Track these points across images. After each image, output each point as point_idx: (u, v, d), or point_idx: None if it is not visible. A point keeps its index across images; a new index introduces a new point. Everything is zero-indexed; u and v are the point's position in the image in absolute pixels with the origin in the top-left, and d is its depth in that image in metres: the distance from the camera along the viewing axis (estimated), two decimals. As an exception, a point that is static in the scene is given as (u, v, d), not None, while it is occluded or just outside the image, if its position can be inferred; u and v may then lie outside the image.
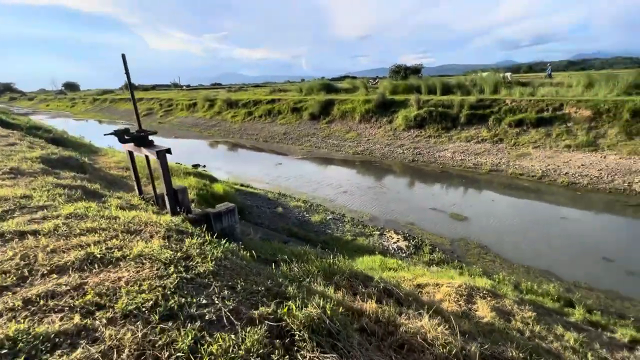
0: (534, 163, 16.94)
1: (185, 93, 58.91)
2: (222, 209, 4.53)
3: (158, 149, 3.92)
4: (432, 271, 8.19)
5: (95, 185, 4.65)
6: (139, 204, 4.31)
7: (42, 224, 2.68)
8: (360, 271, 4.09)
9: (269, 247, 4.49)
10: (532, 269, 8.60)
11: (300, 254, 4.35)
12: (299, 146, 25.98)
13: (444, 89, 27.59)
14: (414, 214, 12.35)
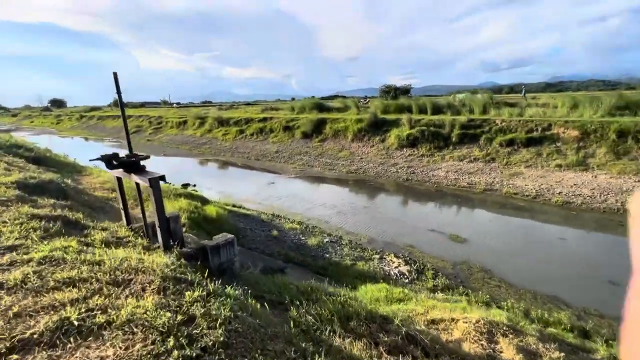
0: (527, 182, 17.05)
1: (175, 111, 58.55)
2: (220, 240, 4.09)
3: (151, 175, 3.51)
4: (438, 299, 7.80)
5: (77, 215, 4.16)
6: (126, 236, 3.85)
7: (8, 273, 2.22)
8: (376, 311, 3.70)
9: (272, 283, 4.06)
10: (538, 294, 8.31)
11: (308, 290, 3.93)
12: (292, 165, 25.70)
13: (434, 108, 28.14)
14: (413, 236, 12.05)
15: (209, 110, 52.10)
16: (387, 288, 6.82)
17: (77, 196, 6.21)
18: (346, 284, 8.21)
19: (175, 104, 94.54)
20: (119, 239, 3.67)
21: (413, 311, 5.24)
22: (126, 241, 3.66)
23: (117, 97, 3.56)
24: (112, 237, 3.61)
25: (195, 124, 41.20)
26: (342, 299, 3.53)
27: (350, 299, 3.71)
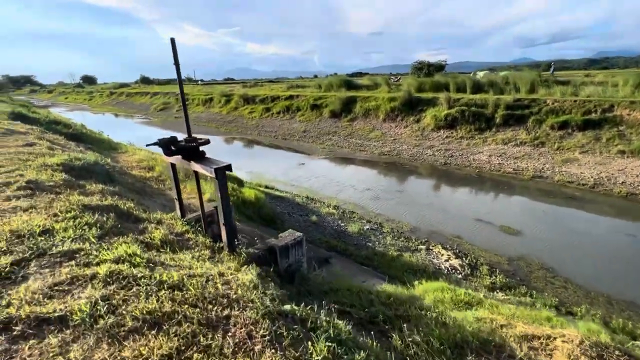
0: (583, 170, 15.50)
1: (200, 88, 58.54)
2: (288, 240, 3.55)
3: (215, 165, 2.95)
4: (499, 299, 7.11)
5: (128, 204, 3.74)
6: (184, 231, 3.38)
7: (71, 298, 1.75)
8: (486, 334, 3.06)
9: (347, 290, 3.53)
10: (613, 300, 7.40)
11: (391, 302, 3.35)
12: (320, 145, 24.96)
13: (474, 87, 26.09)
14: (458, 225, 11.21)
15: (234, 88, 51.68)
16: (448, 287, 6.16)
17: (121, 178, 5.89)
18: (396, 277, 7.65)
19: (200, 80, 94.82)
20: (179, 237, 3.21)
21: (494, 322, 4.58)
22: (186, 239, 3.19)
23: (175, 68, 2.96)
24: (170, 234, 3.15)
25: (221, 102, 40.93)
26: (440, 317, 2.92)
27: (443, 314, 3.10)
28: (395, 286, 6.40)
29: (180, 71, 3.02)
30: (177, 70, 2.99)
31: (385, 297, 3.53)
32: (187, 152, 3.22)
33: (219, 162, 3.08)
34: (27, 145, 6.11)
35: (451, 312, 5.14)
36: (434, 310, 3.25)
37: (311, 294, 3.17)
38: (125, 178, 6.44)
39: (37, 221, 2.71)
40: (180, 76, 3.03)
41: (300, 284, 3.34)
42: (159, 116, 45.12)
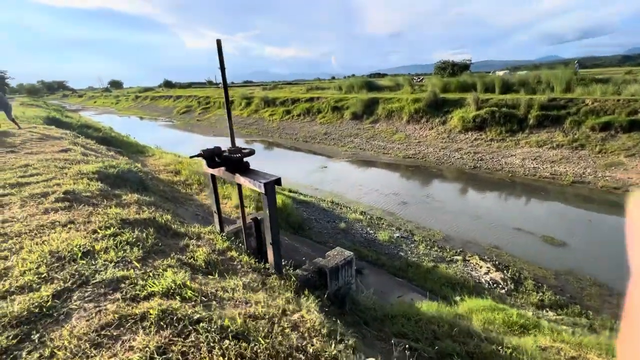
0: (630, 175, 14.33)
1: (221, 91, 59.55)
2: (338, 260, 3.21)
3: (263, 178, 2.66)
4: (551, 319, 6.49)
5: (165, 216, 3.55)
6: (226, 249, 3.12)
7: (120, 346, 1.48)
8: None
9: (406, 320, 3.16)
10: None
11: (454, 333, 2.94)
12: (342, 147, 24.58)
13: (503, 86, 24.97)
14: (495, 235, 10.54)
15: (254, 91, 52.24)
16: (496, 306, 5.63)
17: (153, 186, 5.79)
18: (434, 291, 7.17)
19: (220, 84, 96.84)
20: (222, 255, 2.94)
21: (561, 353, 4.06)
22: (229, 258, 2.92)
23: (220, 71, 2.72)
24: (212, 252, 2.89)
25: (241, 104, 41.35)
26: (515, 354, 2.50)
27: (517, 350, 2.66)
28: (439, 303, 5.94)
29: (225, 75, 2.76)
30: (222, 74, 2.73)
31: (447, 327, 3.12)
32: (232, 164, 2.95)
33: (267, 175, 2.78)
34: (62, 152, 6.14)
35: (509, 337, 4.65)
36: (506, 346, 2.82)
37: (367, 323, 2.82)
38: (157, 184, 6.34)
39: (77, 240, 2.52)
40: (225, 80, 2.77)
41: (352, 310, 3.00)
42: (182, 119, 46.18)
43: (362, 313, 3.05)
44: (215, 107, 45.54)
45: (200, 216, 5.52)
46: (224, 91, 2.86)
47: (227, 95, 2.88)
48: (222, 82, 2.82)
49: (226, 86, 2.83)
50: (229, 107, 2.95)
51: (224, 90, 2.85)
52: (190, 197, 8.56)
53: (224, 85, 2.82)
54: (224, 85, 2.82)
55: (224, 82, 2.82)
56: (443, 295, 6.96)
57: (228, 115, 2.98)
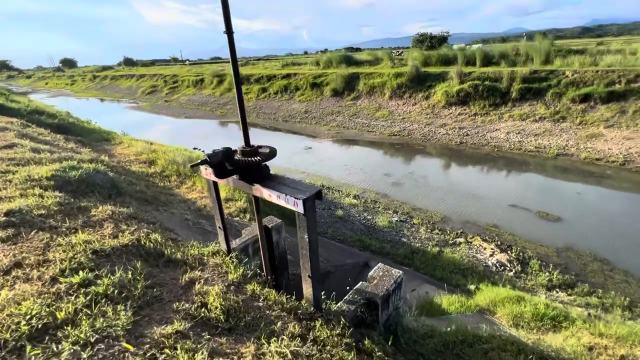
0: (610, 145, 14.68)
1: (189, 68, 55.67)
2: (388, 284, 2.54)
3: (298, 191, 1.84)
4: (564, 301, 6.37)
5: (154, 236, 2.69)
6: (242, 279, 2.35)
7: None
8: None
9: (468, 348, 2.64)
10: (685, 295, 6.70)
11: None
12: (324, 126, 23.68)
13: (484, 59, 24.70)
14: (492, 213, 10.40)
15: (225, 67, 49.16)
16: (518, 296, 5.32)
17: (129, 187, 4.77)
18: (444, 279, 6.83)
19: (187, 61, 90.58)
20: (240, 292, 2.19)
21: (609, 351, 3.75)
22: (251, 296, 2.17)
23: (227, 37, 1.84)
24: (227, 290, 2.12)
25: (213, 83, 38.76)
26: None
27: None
28: (459, 297, 5.56)
29: (233, 42, 1.89)
30: (230, 40, 1.86)
31: (515, 352, 2.63)
32: (248, 171, 2.14)
33: (300, 185, 1.99)
34: (5, 148, 4.86)
35: (544, 336, 4.31)
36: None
37: (424, 357, 2.28)
38: (132, 184, 5.29)
39: (26, 305, 1.65)
40: (234, 48, 1.89)
41: (408, 344, 2.43)
42: (148, 100, 42.81)
43: (419, 345, 2.49)
44: (184, 86, 42.46)
45: (190, 221, 4.65)
46: (233, 66, 1.99)
47: (237, 73, 2.02)
48: (230, 52, 1.95)
49: (235, 60, 1.97)
50: (239, 88, 2.09)
51: (233, 66, 1.98)
52: (171, 192, 7.55)
53: (233, 59, 1.96)
54: (233, 58, 1.95)
55: (231, 52, 1.95)
56: (455, 283, 6.65)
57: (239, 100, 2.12)
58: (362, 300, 2.34)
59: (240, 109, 2.18)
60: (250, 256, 3.34)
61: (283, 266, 3.70)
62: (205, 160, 1.97)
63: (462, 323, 4.14)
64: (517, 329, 4.59)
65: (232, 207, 7.29)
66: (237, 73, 2.09)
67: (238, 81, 2.14)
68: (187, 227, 4.28)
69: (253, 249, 3.33)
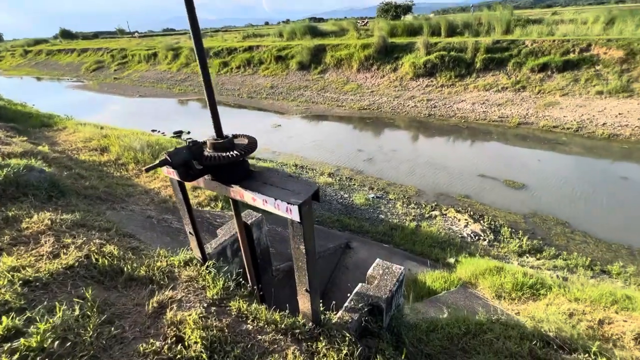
0: (565, 113, 15.52)
1: (139, 41, 50.59)
2: (390, 284, 2.26)
3: (291, 193, 1.45)
4: (534, 265, 6.70)
5: (108, 248, 2.18)
6: (225, 294, 1.95)
7: None
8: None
9: (476, 341, 2.52)
10: (635, 250, 7.36)
11: (545, 356, 2.38)
12: (292, 102, 22.80)
13: (449, 29, 24.68)
14: (463, 183, 10.68)
15: (180, 40, 45.25)
16: (497, 267, 5.47)
17: (76, 183, 4.03)
18: (424, 254, 6.91)
19: (135, 33, 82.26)
20: (224, 313, 1.81)
21: (586, 316, 3.92)
22: (236, 316, 1.80)
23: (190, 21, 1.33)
24: (208, 313, 1.75)
25: (167, 57, 35.59)
26: None
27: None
28: (442, 273, 5.60)
29: (194, 12, 1.38)
30: (190, 10, 1.35)
31: (517, 337, 2.57)
32: (224, 169, 1.70)
33: (291, 183, 1.59)
34: None
35: (525, 305, 4.44)
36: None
37: (432, 358, 2.12)
38: (79, 179, 4.51)
39: None
40: (195, 20, 1.38)
41: (412, 344, 2.25)
42: (94, 77, 38.63)
43: (424, 344, 2.33)
44: (135, 61, 38.64)
45: (154, 219, 4.07)
46: (195, 43, 1.49)
47: (202, 49, 1.52)
48: (191, 26, 1.45)
49: (198, 33, 1.47)
50: (206, 69, 1.60)
51: (195, 42, 1.49)
52: (130, 183, 6.78)
53: (195, 33, 1.46)
54: (195, 32, 1.45)
55: (193, 27, 1.44)
56: (435, 257, 6.74)
57: (206, 81, 1.65)
58: (364, 306, 2.10)
59: (208, 91, 1.71)
60: (229, 260, 2.96)
61: (266, 263, 3.38)
62: (166, 161, 1.51)
63: (452, 303, 4.13)
64: (499, 301, 4.70)
65: (200, 196, 6.72)
66: (201, 49, 1.60)
67: (204, 58, 1.65)
68: (151, 227, 3.74)
69: (232, 250, 2.95)
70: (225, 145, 1.72)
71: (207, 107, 1.84)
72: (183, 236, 3.81)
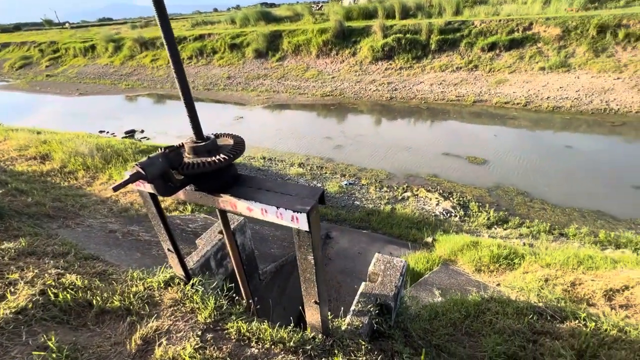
0: (514, 89, 16.53)
1: (72, 33, 45.55)
2: (394, 279, 2.14)
3: (296, 201, 1.28)
4: (503, 236, 7.10)
5: (69, 277, 1.79)
6: (219, 316, 1.67)
7: None
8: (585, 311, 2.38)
9: (478, 324, 2.49)
10: (585, 212, 8.09)
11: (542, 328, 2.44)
12: (252, 92, 21.96)
13: (403, 11, 24.99)
14: (430, 163, 11.02)
15: (120, 29, 41.44)
16: (473, 242, 5.70)
17: (14, 201, 3.38)
18: (402, 236, 7.04)
19: (67, 23, 73.83)
20: (223, 339, 1.56)
21: (558, 279, 4.19)
22: (237, 340, 1.57)
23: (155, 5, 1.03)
24: (203, 341, 1.50)
25: (108, 50, 32.42)
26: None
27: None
28: (422, 253, 5.72)
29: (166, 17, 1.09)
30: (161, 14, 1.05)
31: (514, 313, 2.63)
32: (210, 177, 1.42)
33: (290, 187, 1.37)
34: None
35: (504, 276, 4.65)
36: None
37: (441, 348, 2.09)
38: (21, 194, 3.84)
39: None
40: (163, 7, 1.09)
41: (419, 337, 2.19)
42: (22, 76, 34.23)
43: (430, 334, 2.29)
44: (70, 55, 34.76)
45: (118, 233, 3.59)
46: (165, 36, 1.19)
47: (173, 42, 1.22)
48: (158, 17, 1.13)
49: (166, 19, 1.16)
50: (179, 64, 1.30)
51: (165, 35, 1.18)
52: (82, 193, 6.07)
53: (162, 21, 1.15)
54: (162, 20, 1.14)
55: (161, 18, 1.13)
56: (413, 238, 6.90)
57: (179, 76, 1.34)
58: (373, 308, 1.98)
59: (183, 87, 1.42)
60: (213, 272, 2.69)
61: (252, 269, 3.15)
62: (139, 175, 1.22)
63: (439, 284, 4.21)
64: (480, 274, 4.88)
65: (167, 200, 6.21)
66: (172, 43, 1.30)
67: (176, 52, 1.35)
68: (116, 243, 3.29)
69: (216, 261, 2.67)
70: (208, 148, 1.46)
71: (160, 102, 1.56)
72: (156, 249, 3.43)
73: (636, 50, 15.84)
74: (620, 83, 14.81)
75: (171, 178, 1.39)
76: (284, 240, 5.98)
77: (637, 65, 15.13)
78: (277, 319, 2.17)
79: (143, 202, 1.70)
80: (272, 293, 3.58)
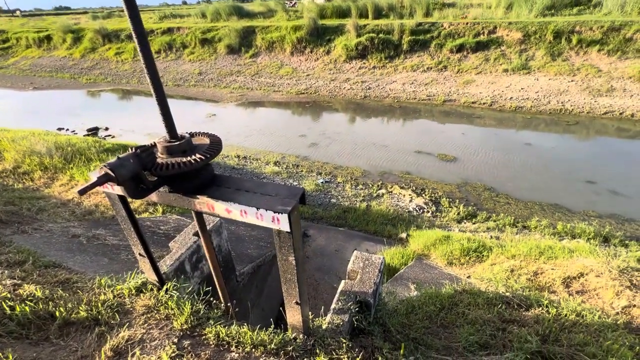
0: (480, 90, 17.34)
1: (24, 22, 42.03)
2: (373, 275, 2.14)
3: (277, 202, 1.24)
4: (472, 230, 7.43)
5: (27, 288, 1.62)
6: (196, 322, 1.60)
7: None
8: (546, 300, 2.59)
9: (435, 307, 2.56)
10: (544, 205, 8.67)
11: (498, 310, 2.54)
12: (225, 89, 21.43)
13: (375, 11, 25.38)
14: (403, 161, 11.33)
15: (80, 20, 38.86)
16: (445, 236, 5.93)
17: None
18: (377, 233, 7.18)
19: (17, 11, 67.97)
20: (201, 345, 1.48)
21: (522, 269, 4.47)
22: (216, 345, 1.49)
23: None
24: (172, 343, 1.43)
25: (66, 41, 30.28)
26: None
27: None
28: (397, 248, 5.86)
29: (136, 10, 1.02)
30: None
31: (484, 304, 2.76)
32: (184, 179, 1.34)
33: (270, 187, 1.34)
34: None
35: (474, 268, 4.87)
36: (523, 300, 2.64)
37: (418, 341, 2.14)
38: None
39: None
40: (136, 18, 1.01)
41: (398, 331, 2.24)
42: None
43: (408, 328, 2.35)
44: (22, 46, 32.12)
45: (82, 237, 3.35)
46: (134, 27, 1.11)
47: (143, 34, 1.14)
48: (125, 3, 1.05)
49: (136, 9, 1.09)
50: (150, 58, 1.21)
51: (134, 26, 1.10)
52: (40, 196, 5.63)
53: (131, 12, 1.07)
54: (130, 10, 1.06)
55: (128, 5, 1.05)
56: (388, 234, 7.05)
57: (150, 71, 1.26)
58: (353, 305, 2.00)
59: (154, 82, 1.34)
60: (188, 275, 2.59)
61: (229, 271, 3.07)
62: (108, 177, 1.13)
63: (415, 278, 4.34)
64: (451, 267, 5.09)
65: (135, 202, 5.91)
66: (142, 35, 1.22)
67: (146, 45, 1.28)
68: (80, 249, 3.07)
69: (191, 264, 2.57)
70: (183, 148, 1.40)
71: (126, 98, 1.48)
72: (125, 253, 3.24)
73: (587, 55, 17.16)
74: (574, 85, 15.98)
75: (143, 180, 1.31)
76: (261, 239, 5.89)
77: (588, 69, 16.41)
78: (257, 321, 2.14)
79: (111, 205, 1.61)
80: (250, 294, 3.52)
